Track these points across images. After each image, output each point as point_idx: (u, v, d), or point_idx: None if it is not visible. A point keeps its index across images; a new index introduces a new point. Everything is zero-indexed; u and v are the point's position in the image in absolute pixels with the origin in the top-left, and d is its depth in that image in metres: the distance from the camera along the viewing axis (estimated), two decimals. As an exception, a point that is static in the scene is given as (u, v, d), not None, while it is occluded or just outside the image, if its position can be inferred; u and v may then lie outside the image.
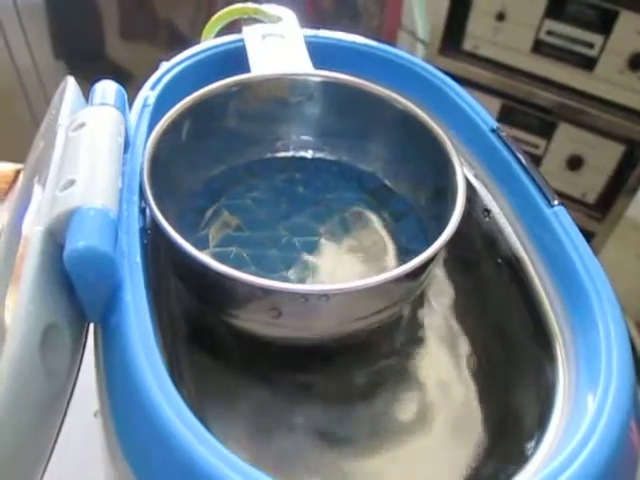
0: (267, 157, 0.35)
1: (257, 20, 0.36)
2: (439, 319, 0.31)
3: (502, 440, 0.26)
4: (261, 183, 0.34)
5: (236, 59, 0.33)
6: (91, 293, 0.21)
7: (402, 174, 0.33)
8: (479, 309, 0.31)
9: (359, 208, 0.33)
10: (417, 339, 0.30)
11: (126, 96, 0.27)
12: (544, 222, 0.27)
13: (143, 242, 0.24)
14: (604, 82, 0.87)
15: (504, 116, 0.97)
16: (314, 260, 0.30)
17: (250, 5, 0.36)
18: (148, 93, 0.30)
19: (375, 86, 0.31)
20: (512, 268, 0.28)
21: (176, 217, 0.30)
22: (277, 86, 0.32)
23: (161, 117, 0.28)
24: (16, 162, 0.50)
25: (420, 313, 0.31)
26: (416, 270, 0.24)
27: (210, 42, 0.35)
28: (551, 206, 0.27)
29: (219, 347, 0.29)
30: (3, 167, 0.49)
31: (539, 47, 0.90)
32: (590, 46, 0.86)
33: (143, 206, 0.25)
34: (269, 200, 0.33)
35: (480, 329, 0.30)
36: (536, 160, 0.97)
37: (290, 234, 0.31)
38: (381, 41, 0.36)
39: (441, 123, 0.31)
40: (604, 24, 0.83)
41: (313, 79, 0.32)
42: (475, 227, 0.31)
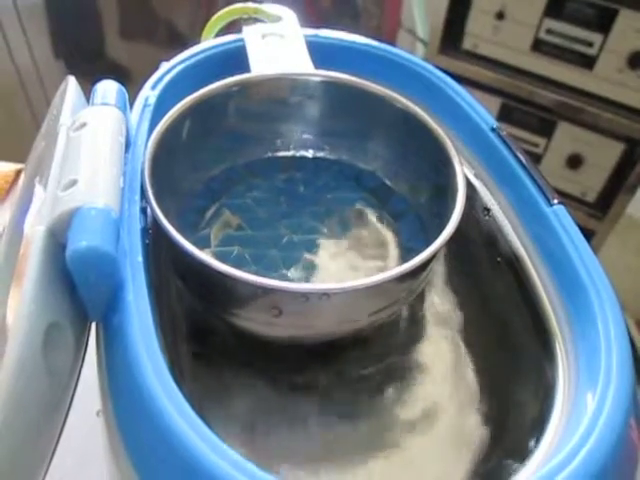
0: (267, 156, 0.35)
1: (257, 20, 0.36)
2: (439, 318, 0.31)
3: (503, 438, 0.26)
4: (261, 182, 0.34)
5: (236, 59, 0.33)
6: (93, 292, 0.21)
7: (402, 173, 0.33)
8: (479, 308, 0.31)
9: (359, 207, 0.33)
10: (417, 338, 0.30)
11: (127, 96, 0.27)
12: (544, 221, 0.27)
13: (144, 242, 0.24)
14: (604, 81, 0.87)
15: (504, 115, 0.97)
16: (314, 259, 0.30)
17: (250, 5, 0.36)
18: (149, 93, 0.30)
19: (375, 85, 0.32)
20: (512, 267, 0.28)
21: (177, 216, 0.30)
22: (277, 86, 0.32)
23: (162, 117, 0.28)
24: (16, 161, 0.51)
25: (420, 312, 0.31)
26: (416, 269, 0.24)
27: (210, 42, 0.35)
28: (551, 205, 0.27)
29: (220, 346, 0.29)
30: (4, 167, 0.49)
31: (539, 46, 0.90)
32: (590, 45, 0.85)
33: (144, 205, 0.25)
34: (269, 199, 0.33)
35: (480, 327, 0.30)
36: (536, 159, 0.97)
37: (291, 233, 0.31)
38: (381, 40, 0.36)
39: (441, 122, 0.31)
40: (603, 23, 0.83)
41: (313, 79, 0.32)
42: (475, 226, 0.31)
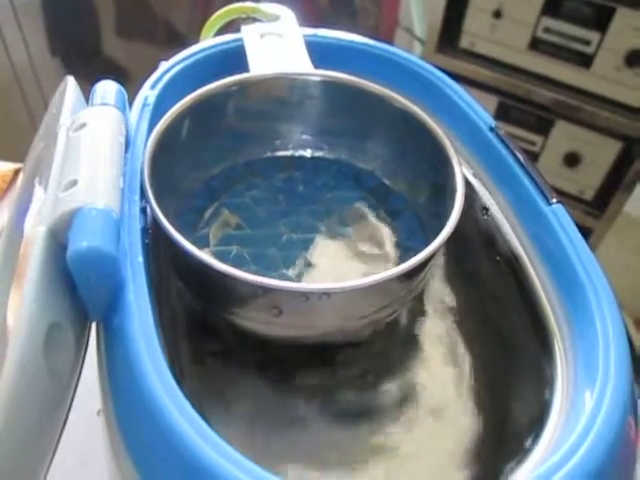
0: (266, 156, 0.35)
1: (255, 19, 0.36)
2: (438, 317, 0.31)
3: (501, 436, 0.26)
4: (261, 182, 0.34)
5: (235, 58, 0.33)
6: (93, 293, 0.21)
7: (401, 172, 0.33)
8: (477, 307, 0.31)
9: (358, 206, 0.33)
10: (417, 337, 0.30)
11: (126, 96, 0.27)
12: (542, 220, 0.27)
13: (144, 241, 0.24)
14: (601, 79, 0.87)
15: (501, 113, 0.97)
16: (314, 258, 0.30)
17: (248, 4, 0.36)
18: (148, 92, 0.30)
19: (374, 85, 0.32)
20: (510, 266, 0.28)
21: (176, 216, 0.30)
22: (276, 85, 0.32)
23: (161, 116, 0.29)
24: (12, 160, 0.51)
25: (419, 311, 0.31)
26: (416, 268, 0.24)
27: (209, 41, 0.35)
28: (549, 204, 0.27)
29: (220, 345, 0.29)
30: (1, 166, 0.49)
31: (536, 44, 0.90)
32: (587, 43, 0.86)
33: (143, 205, 0.25)
34: (268, 199, 0.33)
35: (478, 326, 0.30)
36: (533, 157, 0.97)
37: (290, 232, 0.31)
38: (378, 39, 0.36)
39: (440, 122, 0.31)
40: (601, 21, 0.83)
41: (312, 78, 0.32)
42: (473, 225, 0.31)
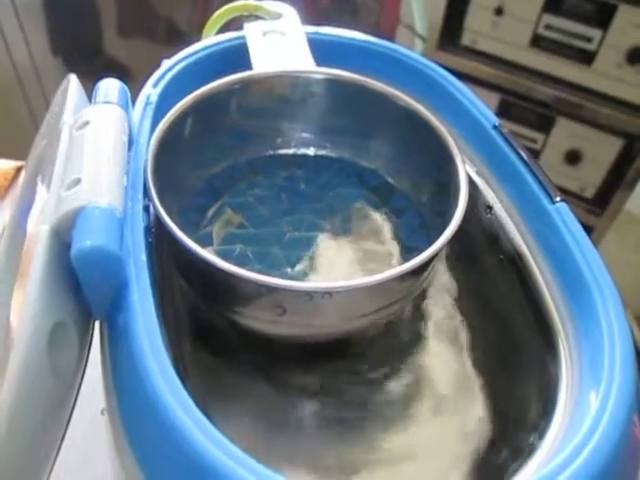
0: (269, 154, 0.35)
1: (258, 17, 0.36)
2: (442, 316, 0.31)
3: (505, 436, 0.26)
4: (263, 180, 0.34)
5: (238, 56, 0.33)
6: (97, 291, 0.21)
7: (404, 171, 0.33)
8: (481, 305, 0.31)
9: (361, 205, 0.33)
10: (420, 336, 0.30)
11: (129, 94, 0.27)
12: (546, 219, 0.27)
13: (147, 240, 0.24)
14: (603, 76, 0.87)
15: (502, 111, 0.97)
16: (317, 257, 0.30)
17: (251, 2, 0.36)
18: (150, 91, 0.30)
19: (377, 83, 0.31)
20: (514, 265, 0.28)
21: (179, 215, 0.30)
22: (279, 83, 0.32)
23: (164, 115, 0.28)
24: (13, 158, 0.51)
25: (423, 310, 0.31)
26: (419, 267, 0.24)
27: (211, 39, 0.35)
28: (553, 202, 0.27)
29: (223, 344, 0.29)
30: (3, 164, 0.49)
31: (537, 41, 0.89)
32: (588, 40, 0.85)
33: (146, 204, 0.25)
34: (271, 197, 0.33)
35: (483, 325, 0.30)
36: (534, 155, 0.97)
37: (293, 231, 0.31)
38: (379, 36, 0.36)
39: (443, 120, 0.31)
40: (602, 18, 0.83)
41: (315, 76, 0.32)
42: (477, 224, 0.31)
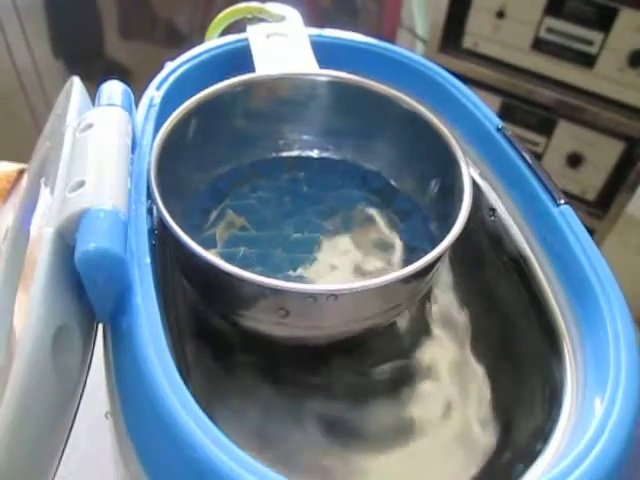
0: (272, 157, 0.35)
1: (261, 19, 0.36)
2: (445, 319, 0.31)
3: (510, 440, 0.26)
4: (266, 183, 0.34)
5: (241, 58, 0.33)
6: (101, 294, 0.21)
7: (407, 173, 0.33)
8: (485, 308, 0.31)
9: (364, 207, 0.33)
10: (423, 339, 0.30)
11: (132, 96, 0.27)
12: (550, 221, 0.27)
13: (151, 242, 0.24)
14: (604, 79, 0.87)
15: (504, 114, 0.97)
16: (320, 259, 0.30)
17: (254, 4, 0.36)
18: (154, 93, 0.30)
19: (381, 85, 0.31)
20: (518, 267, 0.28)
21: (182, 217, 0.30)
22: (282, 85, 0.32)
23: (167, 117, 0.28)
24: (16, 161, 0.50)
25: (426, 312, 0.31)
26: (423, 269, 0.24)
27: (214, 42, 0.35)
28: (557, 205, 0.27)
29: (226, 346, 0.29)
30: (6, 167, 0.49)
31: (539, 45, 0.89)
32: (590, 43, 0.85)
33: (150, 206, 0.25)
34: (274, 200, 0.33)
35: (487, 328, 0.30)
36: (536, 158, 0.97)
37: (296, 233, 0.31)
38: (381, 39, 0.36)
39: (446, 122, 0.31)
40: (604, 21, 0.83)
41: (318, 78, 0.32)
42: (480, 226, 0.31)
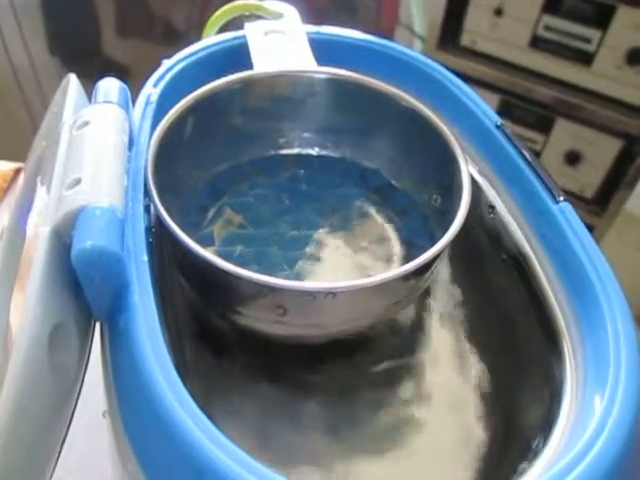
0: (270, 154, 0.34)
1: (259, 17, 0.36)
2: (444, 316, 0.31)
3: (510, 438, 0.26)
4: (264, 180, 0.33)
5: (238, 56, 0.33)
6: (98, 292, 0.21)
7: (406, 171, 0.33)
8: (484, 306, 0.31)
9: (363, 204, 0.33)
10: (422, 337, 0.30)
11: (129, 94, 0.27)
12: (550, 218, 0.27)
13: (148, 240, 0.23)
14: (602, 77, 0.87)
15: (502, 111, 0.97)
16: (319, 257, 0.30)
17: (252, 1, 0.36)
18: (151, 90, 0.30)
19: (379, 82, 0.31)
20: (517, 265, 0.28)
21: (179, 215, 0.30)
22: (280, 83, 0.32)
23: (164, 114, 0.28)
24: (12, 159, 0.50)
25: (425, 310, 0.31)
26: (422, 267, 0.24)
27: (212, 39, 0.34)
28: (557, 202, 0.26)
29: (224, 345, 0.29)
30: (2, 166, 0.49)
31: (537, 42, 0.89)
32: (588, 41, 0.85)
33: (147, 204, 0.25)
34: (273, 197, 0.33)
35: (486, 326, 0.30)
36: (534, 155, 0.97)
37: (294, 231, 0.31)
38: (378, 36, 0.35)
39: (445, 119, 0.31)
40: (602, 19, 0.83)
41: (316, 76, 0.32)
42: (479, 223, 0.31)
